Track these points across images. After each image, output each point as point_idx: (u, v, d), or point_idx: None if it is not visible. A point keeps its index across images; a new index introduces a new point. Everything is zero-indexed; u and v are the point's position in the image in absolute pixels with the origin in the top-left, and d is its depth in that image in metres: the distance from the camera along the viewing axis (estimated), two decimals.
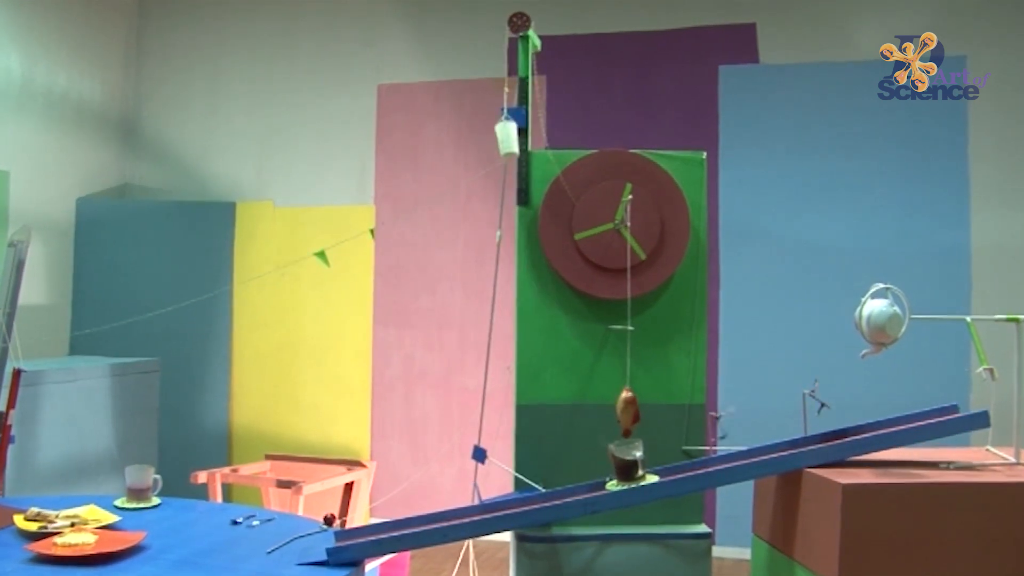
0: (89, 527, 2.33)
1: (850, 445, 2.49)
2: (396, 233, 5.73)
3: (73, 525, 2.33)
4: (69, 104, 5.68)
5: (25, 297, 3.12)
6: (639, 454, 2.53)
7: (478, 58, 5.69)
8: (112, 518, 2.45)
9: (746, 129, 5.35)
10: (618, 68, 5.57)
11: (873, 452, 2.48)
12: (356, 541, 2.31)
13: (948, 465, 2.44)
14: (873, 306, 2.53)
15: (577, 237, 3.14)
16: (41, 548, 2.15)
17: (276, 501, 4.77)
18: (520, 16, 3.10)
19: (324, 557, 2.19)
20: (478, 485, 3.23)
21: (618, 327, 3.11)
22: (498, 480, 3.49)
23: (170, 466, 4.10)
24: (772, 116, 5.34)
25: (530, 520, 2.57)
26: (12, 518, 2.39)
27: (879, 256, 5.03)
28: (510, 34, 3.16)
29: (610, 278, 3.12)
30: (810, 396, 2.75)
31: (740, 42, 5.39)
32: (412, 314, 5.75)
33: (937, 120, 5.05)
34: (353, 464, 4.95)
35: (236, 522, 2.56)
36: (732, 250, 5.27)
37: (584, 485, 2.65)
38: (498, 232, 3.29)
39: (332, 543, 2.28)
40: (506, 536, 3.29)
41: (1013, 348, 2.54)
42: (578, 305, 3.18)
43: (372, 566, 3.80)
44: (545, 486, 2.92)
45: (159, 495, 2.78)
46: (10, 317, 2.96)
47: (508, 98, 3.16)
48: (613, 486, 2.55)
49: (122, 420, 4.67)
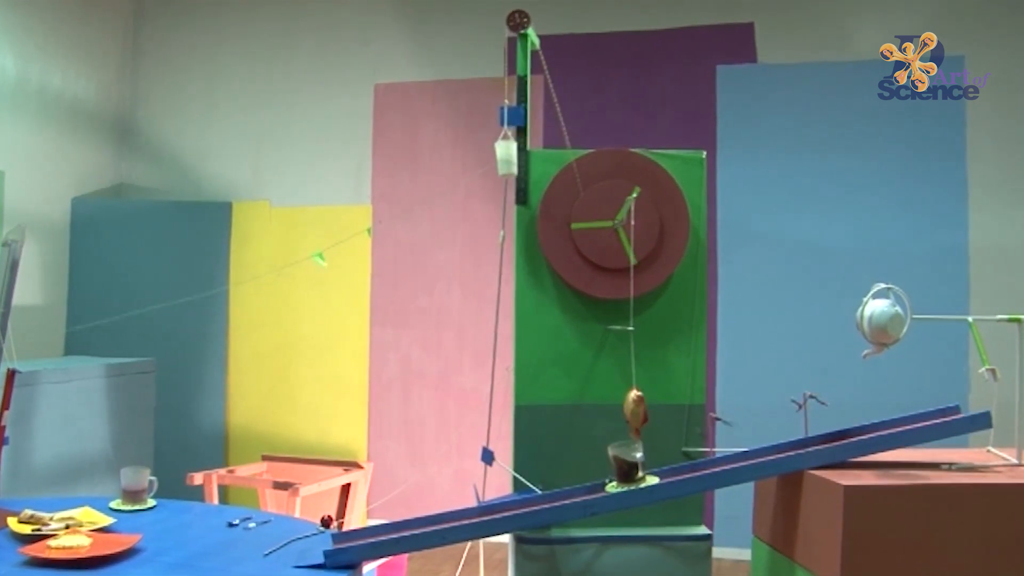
0: (84, 530, 2.31)
1: (852, 446, 2.47)
2: (393, 233, 5.71)
3: (67, 528, 2.32)
4: (64, 103, 5.64)
5: (20, 297, 3.11)
6: (639, 455, 2.51)
7: (475, 58, 5.67)
8: (107, 520, 2.43)
9: (744, 129, 5.34)
10: (615, 68, 5.55)
11: (875, 453, 2.47)
12: (354, 543, 2.30)
13: (950, 466, 2.43)
14: (874, 306, 2.51)
15: (574, 227, 3.12)
16: (35, 551, 2.13)
17: (273, 503, 4.74)
18: (519, 14, 3.08)
19: (321, 560, 2.18)
20: (477, 486, 3.21)
21: (618, 327, 3.09)
22: (496, 481, 3.47)
23: (166, 467, 4.07)
24: (770, 116, 5.34)
25: (529, 522, 2.55)
26: (6, 520, 2.37)
27: (877, 256, 5.03)
28: (509, 32, 3.14)
29: (609, 278, 3.10)
30: (805, 400, 2.73)
31: (738, 42, 5.39)
32: (409, 314, 5.73)
33: (935, 120, 5.05)
34: (350, 465, 4.92)
35: (232, 524, 2.55)
36: (730, 250, 5.27)
37: (583, 487, 2.63)
38: (501, 233, 3.27)
39: (330, 545, 2.28)
40: (504, 537, 3.28)
41: (1012, 348, 2.53)
42: (577, 305, 3.16)
43: (370, 567, 3.79)
44: (544, 487, 2.91)
45: (155, 497, 2.77)
46: (4, 317, 2.94)
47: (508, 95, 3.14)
48: (613, 488, 2.53)
49: (118, 421, 4.64)
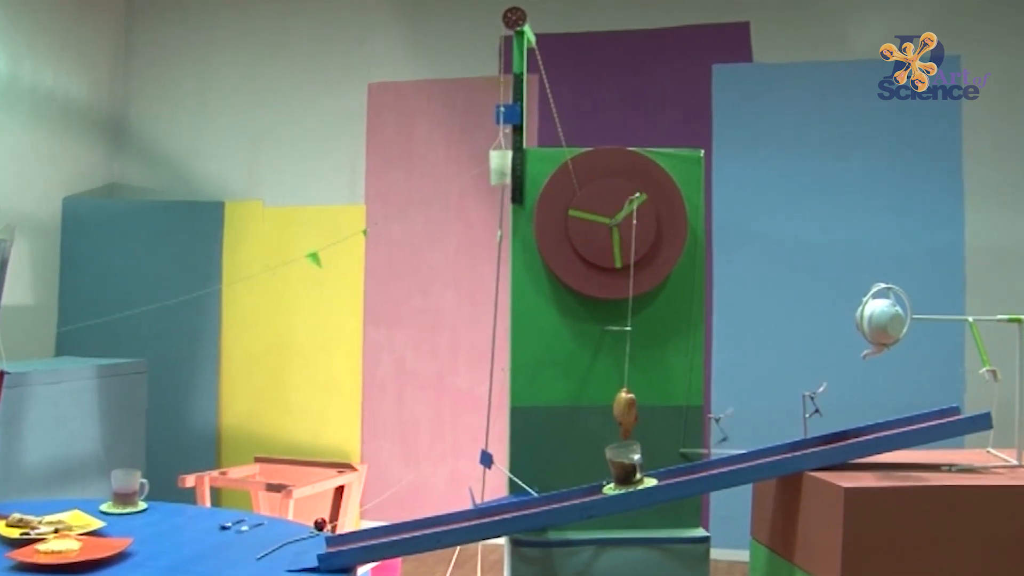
0: (73, 533, 2.28)
1: (852, 448, 2.45)
2: (387, 233, 5.68)
3: (56, 531, 2.29)
4: (56, 102, 5.60)
5: (10, 297, 3.08)
6: (637, 457, 2.48)
7: (470, 56, 5.65)
8: (97, 524, 2.40)
9: (739, 128, 5.32)
10: (610, 67, 5.53)
11: (875, 455, 2.44)
12: (348, 547, 2.27)
13: (950, 468, 2.41)
14: (874, 306, 2.49)
15: (571, 212, 3.10)
16: (23, 556, 2.09)
17: (266, 505, 4.71)
18: (515, 11, 3.05)
19: (315, 563, 2.15)
20: (472, 489, 3.18)
21: (615, 328, 3.06)
22: (491, 483, 3.44)
23: (158, 469, 4.05)
24: (766, 115, 5.32)
25: (526, 525, 2.52)
26: None
27: (871, 256, 5.02)
28: (505, 30, 3.11)
29: (607, 277, 3.08)
30: (809, 398, 2.70)
31: (733, 41, 5.37)
32: (403, 315, 5.70)
33: (931, 120, 5.04)
34: (344, 467, 4.89)
35: (225, 527, 2.52)
36: (725, 250, 5.25)
37: (581, 489, 2.60)
38: (499, 232, 3.25)
39: (323, 549, 2.25)
40: (500, 539, 3.25)
41: (1009, 348, 2.52)
42: (574, 305, 3.14)
43: (364, 568, 3.76)
44: (540, 489, 2.88)
45: (146, 499, 2.74)
46: None
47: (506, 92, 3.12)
48: (610, 490, 2.50)
49: (109, 422, 4.60)
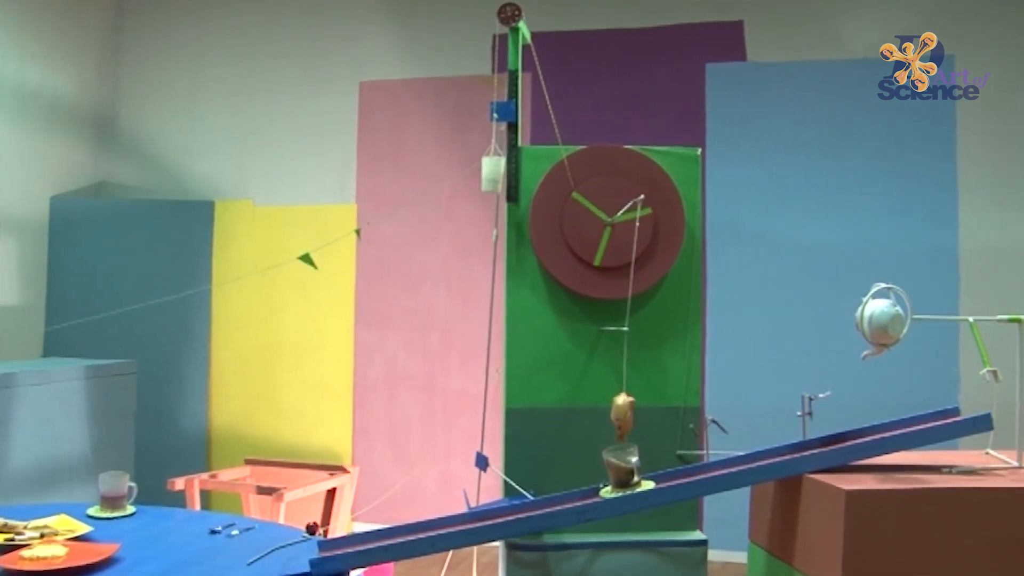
0: (60, 539, 2.23)
1: (853, 449, 2.42)
2: (378, 232, 5.63)
3: (42, 536, 2.24)
4: (43, 100, 5.53)
5: None
6: (635, 460, 2.45)
7: (462, 55, 5.61)
8: (84, 528, 2.36)
9: (733, 127, 5.30)
10: (603, 66, 5.50)
11: (875, 456, 2.42)
12: (340, 551, 2.23)
13: (950, 470, 2.38)
14: (874, 306, 2.46)
15: (574, 195, 3.07)
16: (7, 562, 2.05)
17: (256, 508, 4.66)
18: (510, 7, 3.01)
19: (307, 568, 2.12)
20: (467, 492, 3.15)
21: (612, 328, 3.03)
22: (484, 485, 3.40)
23: (147, 472, 4.00)
24: (759, 114, 5.30)
25: (522, 528, 2.48)
26: None
27: (866, 256, 5.00)
28: (500, 26, 3.08)
29: (603, 277, 3.04)
30: (808, 400, 2.67)
31: (727, 40, 5.35)
32: (395, 315, 5.65)
33: (925, 120, 5.02)
34: (335, 469, 4.84)
35: (215, 531, 2.49)
36: (719, 250, 5.22)
37: (577, 492, 2.57)
38: (494, 232, 3.21)
39: (316, 553, 2.21)
40: (494, 541, 3.21)
41: (1005, 348, 2.49)
42: (569, 305, 3.10)
43: (356, 572, 3.71)
44: (536, 492, 2.85)
45: (134, 503, 2.70)
46: None
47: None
48: (608, 493, 2.46)
49: (97, 424, 4.55)
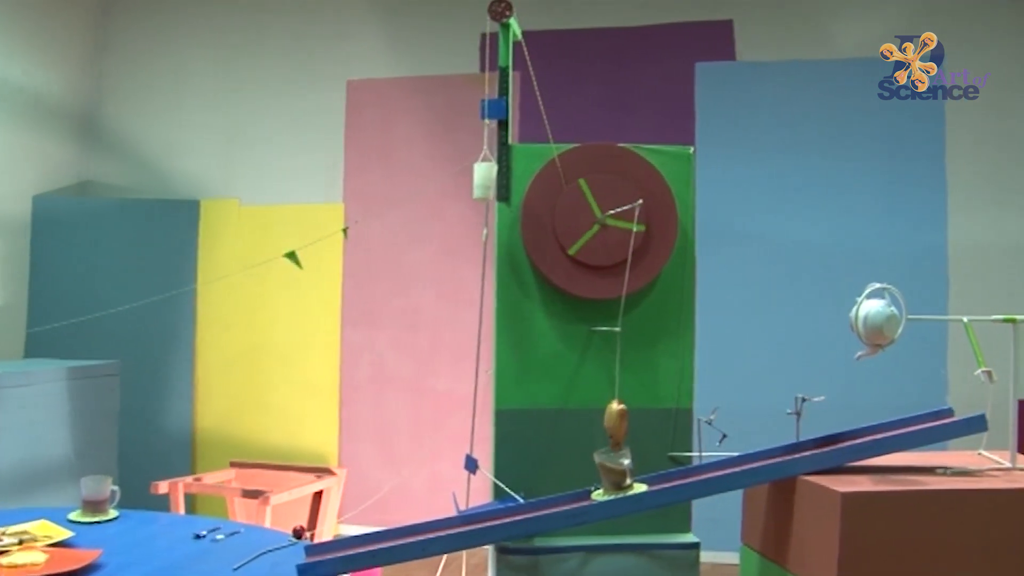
0: (39, 545, 2.19)
1: (848, 451, 2.40)
2: (366, 232, 5.59)
3: (22, 543, 2.19)
4: (26, 98, 5.45)
5: None
6: (627, 462, 2.42)
7: (451, 54, 5.58)
8: (65, 534, 2.31)
9: (723, 127, 5.29)
10: (593, 64, 5.48)
11: (869, 458, 2.40)
12: (328, 556, 2.19)
13: (944, 471, 2.36)
14: (869, 307, 2.44)
15: (580, 181, 3.04)
16: None
17: (242, 512, 4.61)
18: (501, 2, 2.98)
19: (294, 573, 2.08)
20: (456, 495, 3.11)
21: (604, 328, 3.00)
22: (474, 487, 3.37)
23: (130, 475, 3.95)
24: (749, 114, 5.29)
25: (514, 532, 2.46)
26: None
27: (855, 256, 5.00)
28: (489, 24, 3.05)
29: (595, 277, 3.01)
30: (801, 401, 2.65)
31: (717, 39, 5.34)
32: (383, 315, 5.61)
33: (915, 120, 5.03)
34: (322, 471, 4.80)
35: (200, 536, 2.45)
36: (708, 250, 5.17)
37: (569, 495, 2.54)
38: (484, 231, 3.18)
39: (303, 558, 2.18)
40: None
41: (997, 349, 2.49)
42: (560, 305, 3.07)
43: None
44: (526, 495, 2.81)
45: (117, 507, 2.65)
46: None
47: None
48: (600, 495, 2.43)
49: (80, 426, 4.49)
